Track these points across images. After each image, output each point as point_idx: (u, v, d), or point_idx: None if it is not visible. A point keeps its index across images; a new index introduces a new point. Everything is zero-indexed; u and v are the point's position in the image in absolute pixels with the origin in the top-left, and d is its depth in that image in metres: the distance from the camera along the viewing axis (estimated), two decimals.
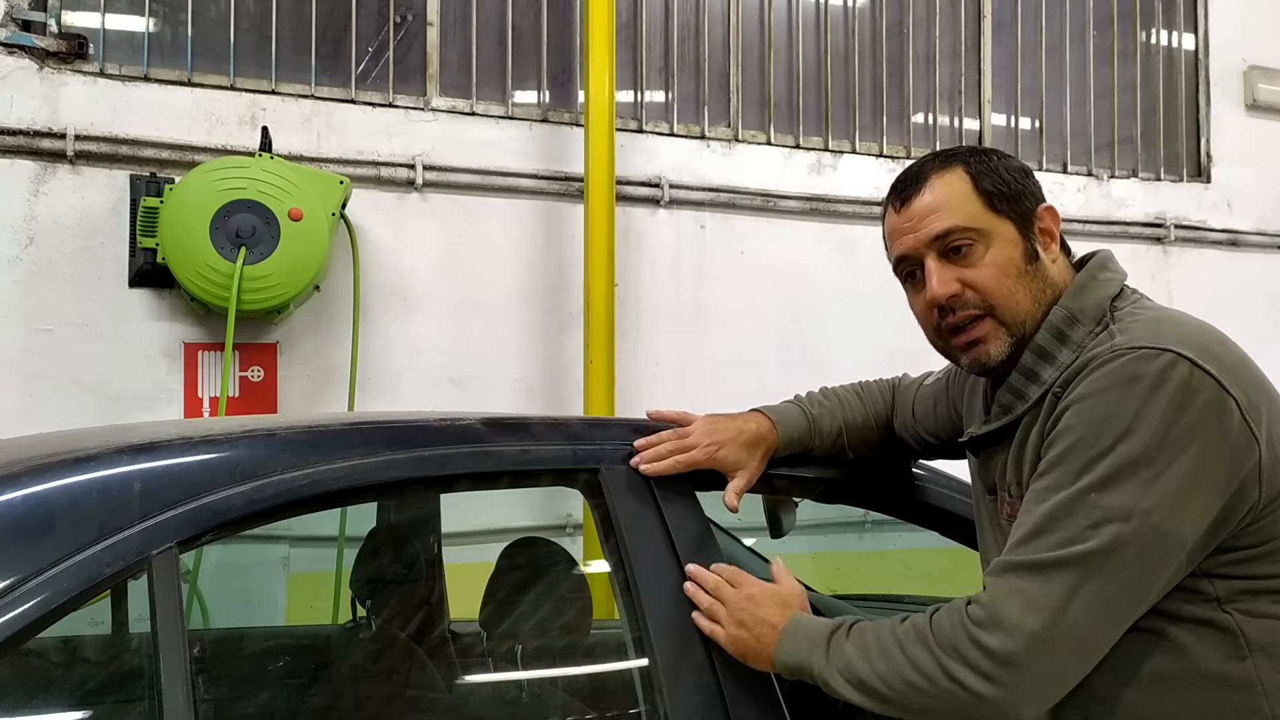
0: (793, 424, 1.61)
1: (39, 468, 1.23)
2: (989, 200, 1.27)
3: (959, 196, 1.27)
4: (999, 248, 1.26)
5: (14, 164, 3.36)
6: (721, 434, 1.53)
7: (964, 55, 4.69)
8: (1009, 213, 1.27)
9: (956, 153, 1.32)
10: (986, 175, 1.28)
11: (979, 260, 1.26)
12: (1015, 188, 1.28)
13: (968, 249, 1.26)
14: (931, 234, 1.27)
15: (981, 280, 1.26)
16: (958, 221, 1.26)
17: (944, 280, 1.27)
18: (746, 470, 1.53)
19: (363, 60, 3.84)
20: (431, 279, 3.80)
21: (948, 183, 1.29)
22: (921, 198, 1.29)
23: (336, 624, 2.81)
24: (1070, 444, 1.14)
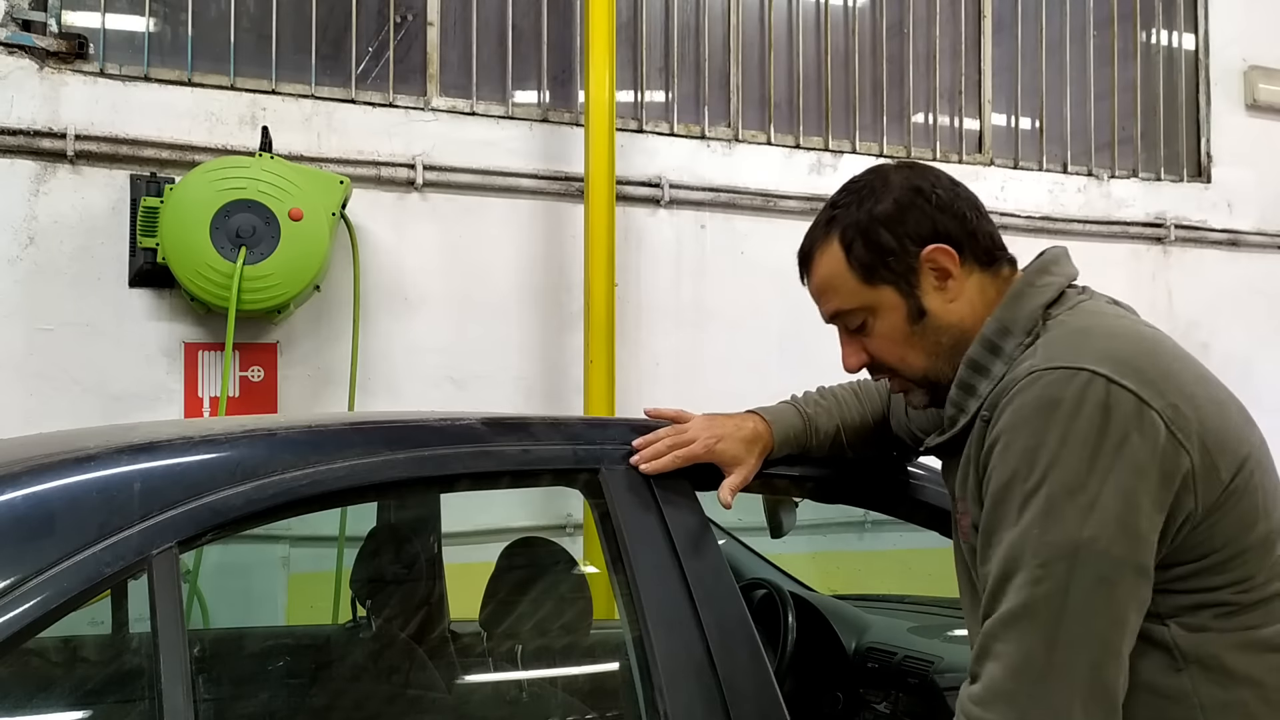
0: (788, 424, 1.62)
1: (39, 467, 1.23)
2: (864, 273, 1.28)
3: (836, 276, 1.30)
4: (882, 318, 1.29)
5: (14, 164, 3.36)
6: (719, 429, 1.54)
7: (964, 55, 4.69)
8: (886, 278, 1.27)
9: (834, 216, 1.31)
10: (859, 243, 1.27)
11: (871, 332, 1.31)
12: (890, 245, 1.26)
13: (860, 323, 1.31)
14: (825, 315, 1.35)
15: (875, 351, 1.32)
16: (839, 305, 1.32)
17: (848, 354, 1.35)
18: (744, 466, 1.54)
19: (363, 60, 3.84)
20: (432, 279, 3.80)
21: (827, 260, 1.31)
22: (812, 277, 1.34)
23: (337, 624, 2.80)
24: (1006, 480, 1.13)
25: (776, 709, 1.39)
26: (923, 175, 1.30)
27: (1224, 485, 1.11)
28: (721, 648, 1.38)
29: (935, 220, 1.27)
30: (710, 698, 1.35)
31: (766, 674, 1.39)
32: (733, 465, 1.53)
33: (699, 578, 1.44)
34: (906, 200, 1.27)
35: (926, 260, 1.26)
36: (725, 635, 1.41)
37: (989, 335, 1.24)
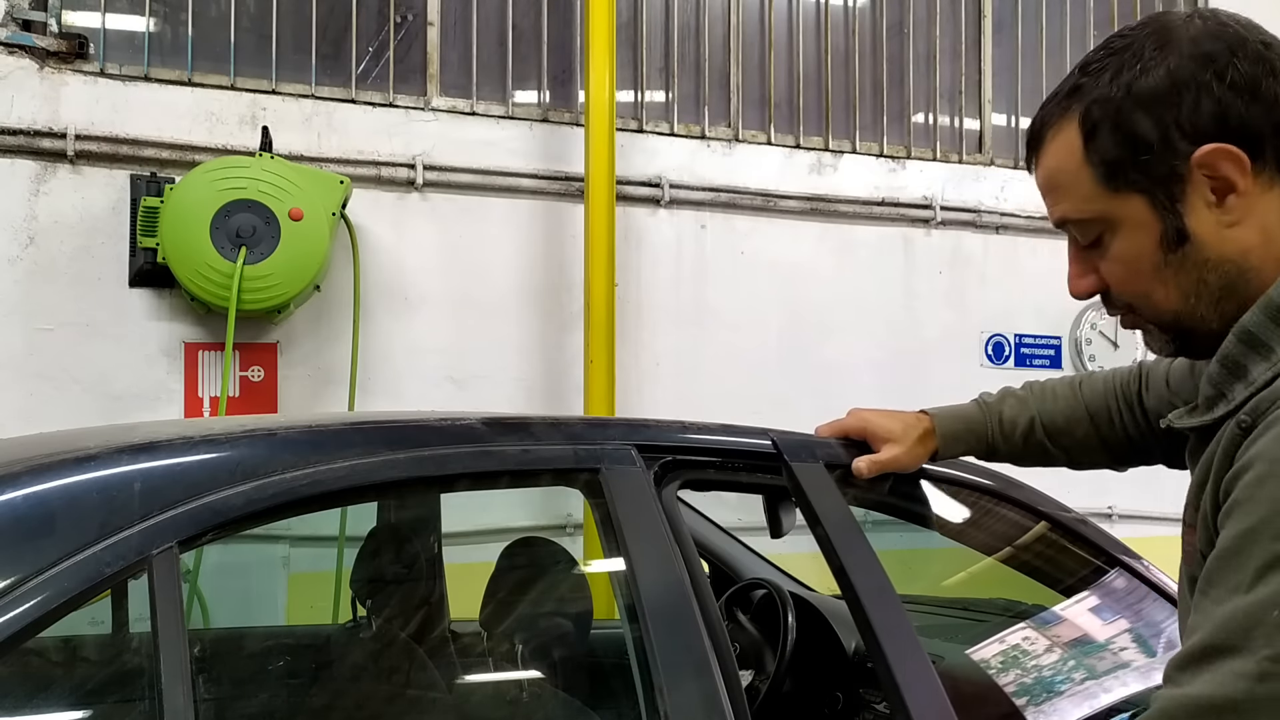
0: (956, 416, 1.45)
1: (39, 467, 1.23)
2: (1106, 173, 0.94)
3: (1068, 172, 0.97)
4: (1125, 237, 0.95)
5: (14, 164, 3.36)
6: (882, 412, 1.49)
7: (964, 55, 4.69)
8: (1136, 183, 0.93)
9: (1080, 85, 0.96)
10: (1106, 129, 0.93)
11: (1107, 253, 0.97)
12: (1148, 137, 0.91)
13: (1095, 238, 0.98)
14: (1053, 218, 1.02)
15: (1111, 279, 0.99)
16: (1067, 212, 0.98)
17: (1075, 274, 1.01)
18: (896, 445, 1.44)
19: (363, 60, 3.84)
20: (432, 279, 3.80)
21: (1059, 148, 0.97)
22: (1039, 167, 1.01)
23: (337, 624, 2.80)
24: (1249, 527, 0.84)
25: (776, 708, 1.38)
26: (1221, 33, 0.91)
27: None
28: (721, 648, 1.38)
29: (1226, 106, 0.89)
30: (710, 697, 1.35)
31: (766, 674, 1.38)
32: (884, 440, 1.46)
33: (699, 577, 1.44)
34: (1187, 73, 0.90)
35: (1200, 165, 0.90)
36: (723, 635, 1.41)
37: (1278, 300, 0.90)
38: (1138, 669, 1.90)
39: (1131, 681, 1.85)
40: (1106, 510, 4.38)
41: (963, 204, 4.52)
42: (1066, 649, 1.99)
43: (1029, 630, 2.08)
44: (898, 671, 1.37)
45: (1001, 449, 1.45)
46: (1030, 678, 2.01)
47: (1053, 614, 2.05)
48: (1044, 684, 1.97)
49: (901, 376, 4.34)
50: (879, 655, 1.39)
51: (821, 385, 4.15)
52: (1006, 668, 2.05)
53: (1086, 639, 2.00)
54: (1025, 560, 2.02)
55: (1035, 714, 1.76)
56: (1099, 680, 1.85)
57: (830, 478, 1.54)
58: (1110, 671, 1.89)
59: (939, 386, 4.37)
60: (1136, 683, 1.84)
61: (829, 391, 4.14)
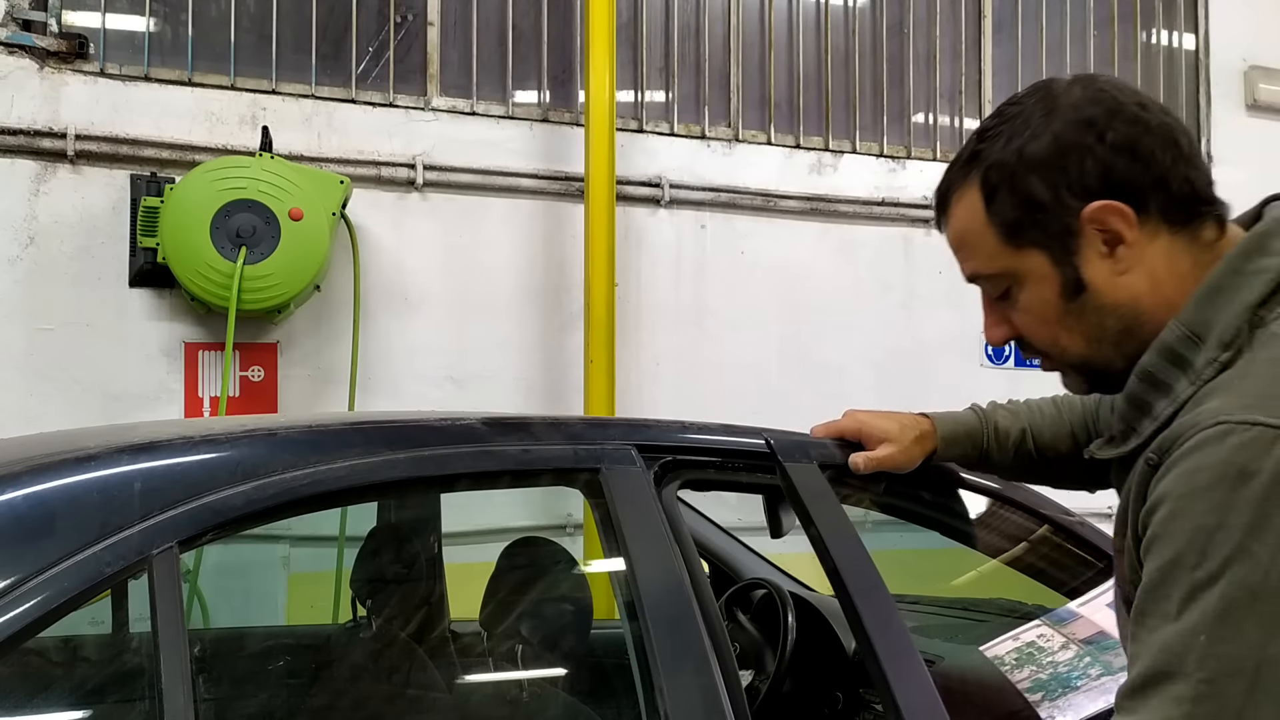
0: (956, 420, 1.49)
1: (39, 467, 1.23)
2: (1007, 232, 1.00)
3: (974, 232, 1.03)
4: (1030, 289, 1.01)
5: (14, 163, 3.36)
6: (879, 413, 1.52)
7: (964, 55, 4.69)
8: (1035, 239, 0.99)
9: (978, 152, 1.02)
10: (1004, 192, 0.99)
11: (1015, 303, 1.03)
12: (1041, 198, 0.97)
13: (1008, 291, 1.03)
14: (964, 274, 1.08)
15: (1022, 328, 1.05)
16: (976, 268, 1.05)
17: (991, 324, 1.07)
18: (893, 444, 1.47)
19: (363, 60, 3.84)
20: (432, 279, 3.80)
21: (964, 210, 1.03)
22: (948, 226, 1.07)
23: (337, 624, 2.80)
24: (1168, 561, 0.88)
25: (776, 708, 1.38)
26: (1100, 98, 0.97)
27: None
28: (721, 647, 1.38)
29: (1109, 165, 0.95)
30: (710, 697, 1.35)
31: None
32: (880, 440, 1.49)
33: (699, 577, 1.44)
34: (1071, 137, 0.96)
35: (1090, 220, 0.96)
36: (722, 635, 1.41)
37: (1171, 343, 0.95)
38: None
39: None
40: (1107, 510, 4.37)
41: None
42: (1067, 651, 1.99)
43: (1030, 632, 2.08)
44: (890, 670, 1.38)
45: (994, 457, 1.49)
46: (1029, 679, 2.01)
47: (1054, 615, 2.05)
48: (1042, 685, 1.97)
49: (901, 376, 4.34)
50: (871, 654, 1.40)
51: (821, 385, 4.15)
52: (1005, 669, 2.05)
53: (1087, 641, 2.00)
54: (1026, 561, 2.02)
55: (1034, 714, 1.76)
56: (1098, 683, 1.85)
57: (824, 478, 1.55)
58: (1109, 674, 1.88)
59: (939, 386, 4.37)
60: None
61: (829, 391, 4.14)
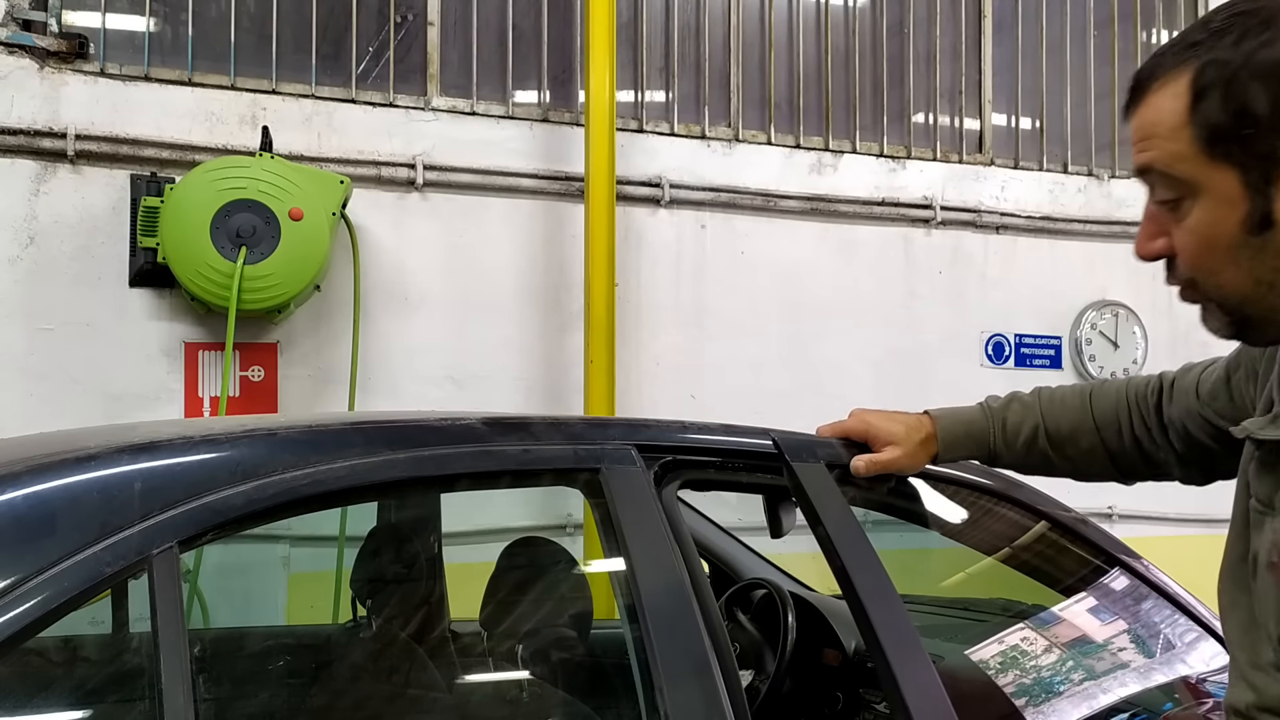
0: (957, 419, 1.44)
1: (39, 467, 1.23)
2: (1206, 138, 0.88)
3: (1167, 124, 0.91)
4: (1207, 207, 0.89)
5: (14, 163, 3.36)
6: (884, 413, 1.48)
7: (965, 55, 4.69)
8: (1234, 156, 0.87)
9: (1200, 42, 0.89)
10: (1218, 93, 0.87)
11: (1183, 220, 0.92)
12: (1259, 111, 0.85)
13: (1175, 201, 0.92)
14: (1136, 164, 0.97)
15: (1181, 248, 0.93)
16: (1155, 160, 0.93)
17: (1145, 235, 0.96)
18: (897, 447, 1.44)
19: (363, 60, 3.84)
20: (432, 279, 3.80)
21: (1164, 98, 0.91)
22: (1136, 115, 0.96)
23: (337, 624, 2.80)
24: None
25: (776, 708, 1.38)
26: None
27: None
28: (721, 647, 1.38)
29: None
30: (710, 697, 1.35)
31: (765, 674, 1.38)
32: (885, 442, 1.45)
33: (699, 577, 1.44)
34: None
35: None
36: (722, 635, 1.41)
37: None
38: (1137, 669, 1.90)
39: (1131, 682, 1.85)
40: (1107, 510, 4.38)
41: (963, 204, 4.53)
42: (1066, 649, 1.99)
43: (1028, 630, 2.08)
44: (898, 671, 1.37)
45: (1004, 456, 1.44)
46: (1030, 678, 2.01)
47: (1052, 614, 2.05)
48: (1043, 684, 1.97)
49: (901, 376, 4.34)
50: (880, 654, 1.40)
51: (821, 385, 4.16)
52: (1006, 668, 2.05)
53: (1086, 639, 2.00)
54: (1025, 560, 2.02)
55: (1034, 714, 1.76)
56: (1098, 681, 1.85)
57: (831, 477, 1.55)
58: (1110, 672, 1.88)
59: (939, 386, 4.38)
60: (1135, 683, 1.84)
61: (829, 391, 4.14)
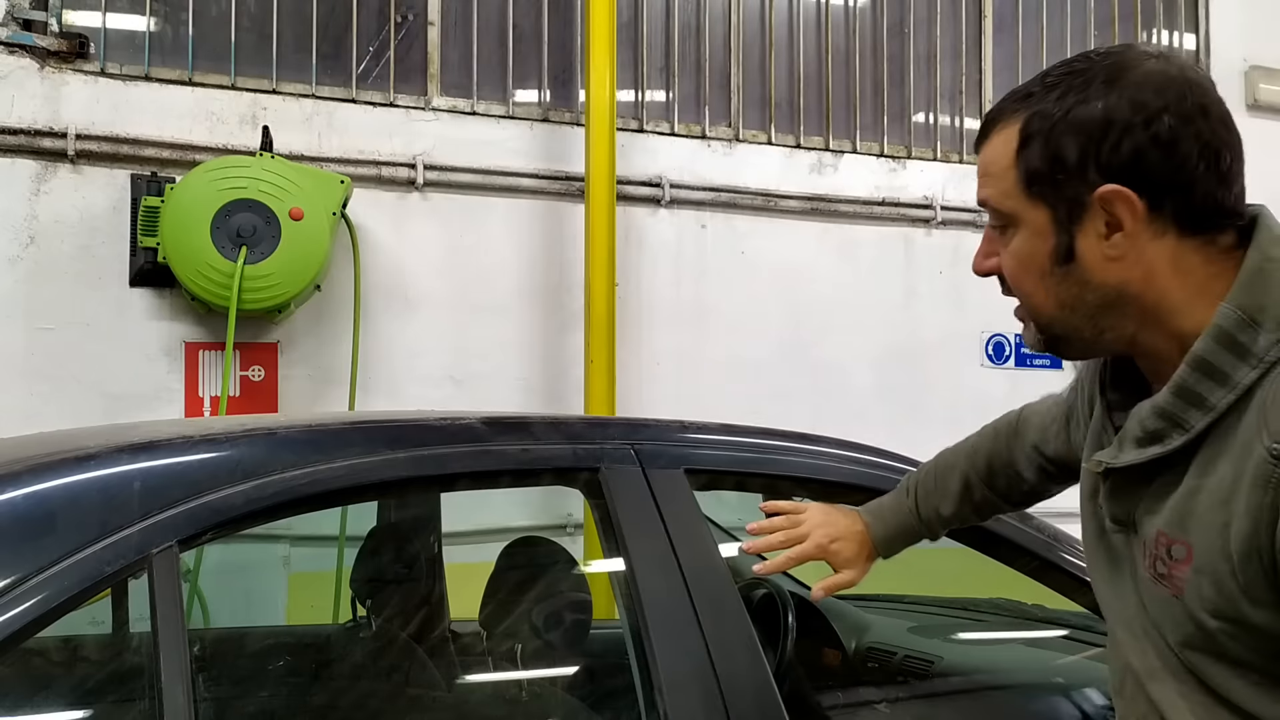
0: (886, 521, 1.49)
1: (40, 466, 1.23)
2: (1025, 180, 1.01)
3: (997, 165, 1.04)
4: (1022, 238, 1.02)
5: (15, 163, 3.36)
6: (835, 527, 1.48)
7: (965, 55, 4.69)
8: (1046, 197, 1.00)
9: (1033, 94, 1.03)
10: (1038, 142, 1.00)
11: (1008, 245, 1.04)
12: (1068, 162, 0.98)
13: (1004, 228, 1.05)
14: (977, 198, 1.08)
15: (1005, 267, 1.05)
16: (989, 197, 1.05)
17: (981, 253, 1.08)
18: (853, 570, 1.47)
19: (364, 60, 3.84)
20: (432, 279, 3.80)
21: (1000, 143, 1.04)
22: (982, 151, 1.08)
23: (337, 623, 2.80)
24: None
25: (775, 709, 1.39)
26: (1167, 86, 0.96)
27: None
28: (721, 647, 1.38)
29: (1142, 153, 0.95)
30: (710, 697, 1.35)
31: (765, 674, 1.39)
32: (844, 567, 1.47)
33: (698, 577, 1.44)
34: (1119, 114, 0.96)
35: (1100, 199, 0.97)
36: (725, 635, 1.41)
37: (1228, 328, 0.93)
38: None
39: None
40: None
41: (963, 204, 4.52)
42: None
43: None
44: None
45: (941, 529, 1.49)
46: None
47: None
48: None
49: (901, 376, 4.34)
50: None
51: (821, 384, 4.16)
52: None
53: None
54: None
55: None
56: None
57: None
58: None
59: (939, 386, 4.38)
60: None
61: (829, 391, 4.14)
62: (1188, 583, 0.93)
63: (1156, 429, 0.98)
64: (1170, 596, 0.95)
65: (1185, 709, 0.96)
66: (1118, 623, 1.06)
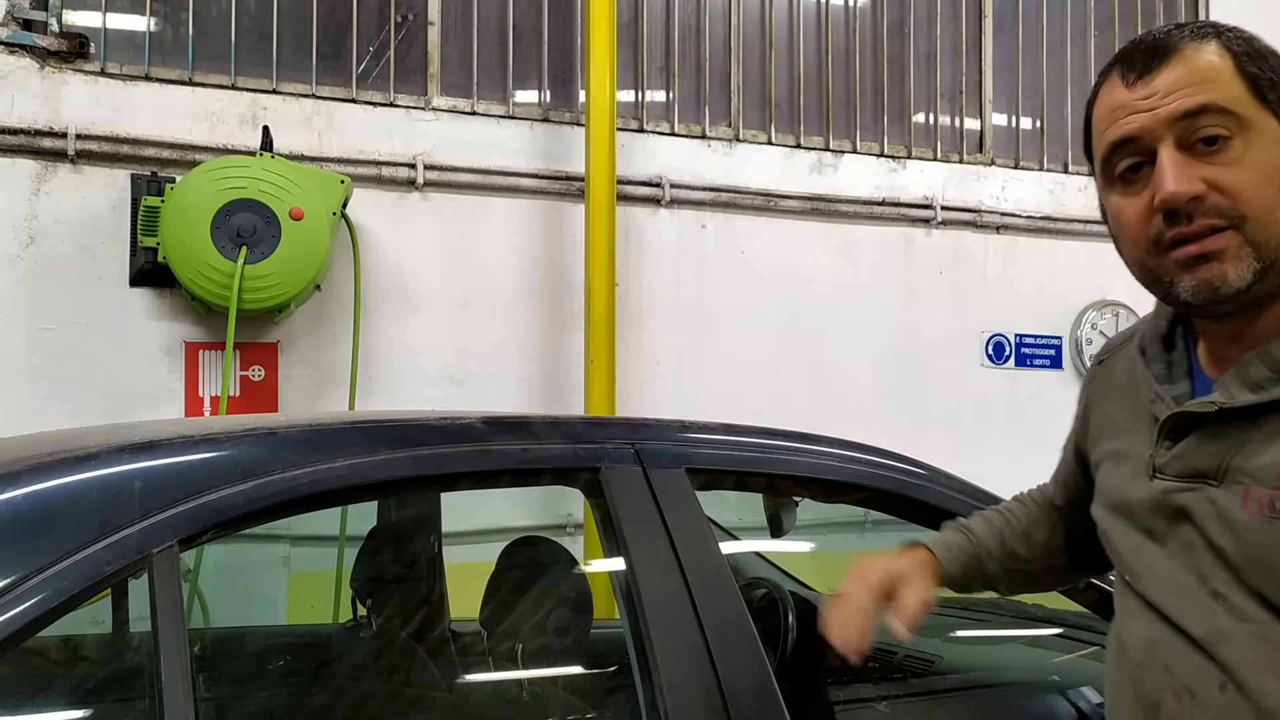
0: (951, 543, 1.36)
1: (40, 466, 1.23)
2: (1255, 86, 0.98)
3: (1220, 74, 0.98)
4: (1262, 147, 0.96)
5: (15, 163, 3.36)
6: (870, 561, 1.32)
7: (965, 55, 4.69)
8: (1275, 105, 0.98)
9: (1207, 25, 1.04)
10: (1252, 56, 1.00)
11: (1236, 158, 0.96)
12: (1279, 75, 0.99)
13: (1224, 141, 0.96)
14: (1179, 110, 0.97)
15: (1236, 183, 0.96)
16: (1216, 99, 0.97)
17: (1187, 176, 0.96)
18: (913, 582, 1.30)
19: (364, 60, 3.84)
20: (432, 278, 3.80)
21: (1208, 54, 1.00)
22: (1170, 69, 0.99)
23: (337, 623, 2.80)
24: None
25: (776, 708, 1.39)
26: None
27: None
28: (721, 647, 1.38)
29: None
30: (710, 697, 1.35)
31: (766, 673, 1.39)
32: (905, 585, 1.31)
33: (699, 577, 1.44)
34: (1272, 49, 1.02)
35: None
36: (725, 635, 1.41)
37: None
38: None
39: None
40: None
41: (963, 204, 4.52)
42: None
43: None
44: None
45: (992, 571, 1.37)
46: None
47: None
48: None
49: (901, 376, 4.34)
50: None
51: (821, 385, 4.16)
52: None
53: None
54: None
55: None
56: None
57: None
58: None
59: (939, 386, 4.38)
60: None
61: (829, 391, 4.14)
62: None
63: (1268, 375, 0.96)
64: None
65: (1262, 664, 0.94)
66: (1163, 593, 1.02)
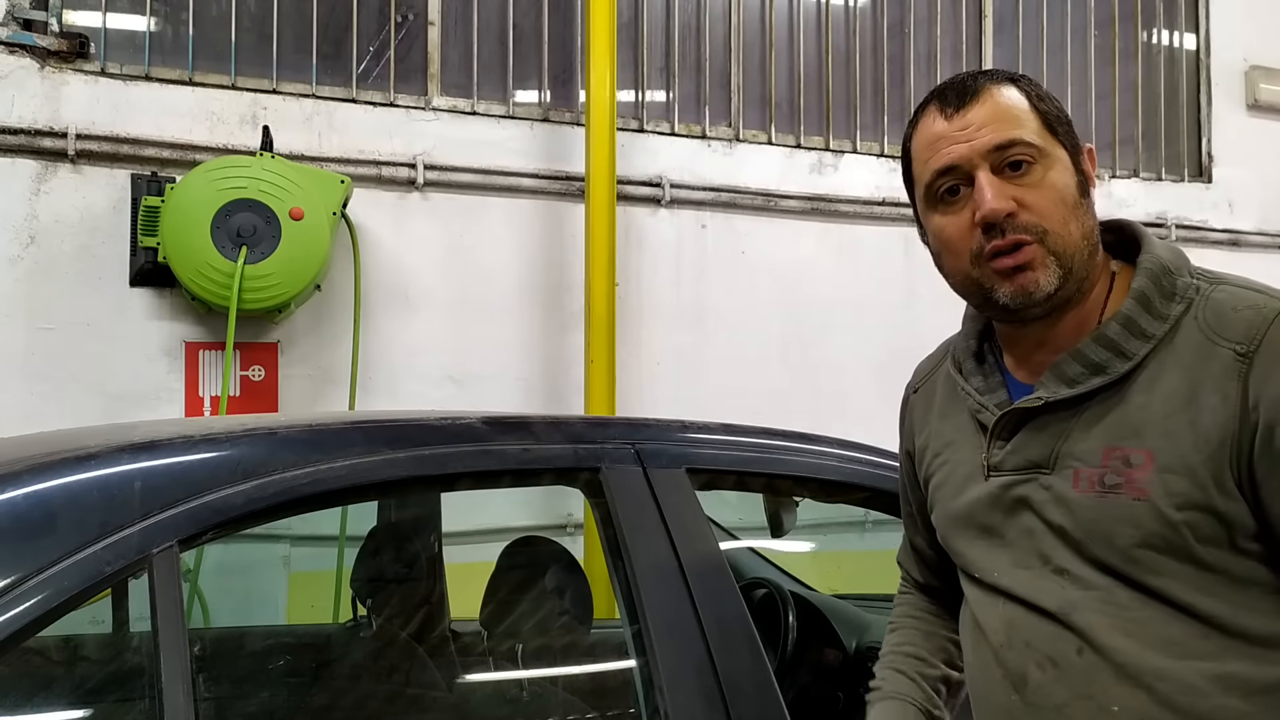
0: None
1: (40, 466, 1.23)
2: (1047, 122, 1.14)
3: (1023, 110, 1.14)
4: (1057, 172, 1.12)
5: (15, 163, 3.36)
6: None
7: (965, 55, 4.69)
8: (1064, 139, 1.15)
9: (1004, 73, 1.21)
10: (1041, 98, 1.16)
11: (1037, 181, 1.12)
12: (1065, 117, 1.17)
13: (1028, 166, 1.12)
14: (991, 143, 1.13)
15: (1038, 202, 1.11)
16: (1022, 134, 1.12)
17: (1002, 194, 1.11)
18: None
19: (364, 60, 3.84)
20: (432, 278, 3.80)
21: (1009, 95, 1.16)
22: (980, 105, 1.16)
23: (337, 623, 2.81)
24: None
25: (776, 708, 1.39)
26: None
27: None
28: (721, 647, 1.38)
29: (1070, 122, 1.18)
30: (710, 698, 1.35)
31: (766, 673, 1.38)
32: None
33: (699, 577, 1.44)
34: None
35: (1087, 156, 1.17)
36: (725, 635, 1.41)
37: (1155, 270, 1.11)
38: None
39: None
40: None
41: None
42: None
43: None
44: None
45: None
46: None
47: None
48: None
49: (901, 377, 4.31)
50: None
51: (821, 384, 4.15)
52: None
53: None
54: None
55: None
56: None
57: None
58: None
59: None
60: None
61: (829, 391, 4.14)
62: (1151, 484, 1.03)
63: (1100, 360, 1.09)
64: (1130, 501, 1.04)
65: (1110, 626, 1.04)
66: (1013, 579, 1.13)
